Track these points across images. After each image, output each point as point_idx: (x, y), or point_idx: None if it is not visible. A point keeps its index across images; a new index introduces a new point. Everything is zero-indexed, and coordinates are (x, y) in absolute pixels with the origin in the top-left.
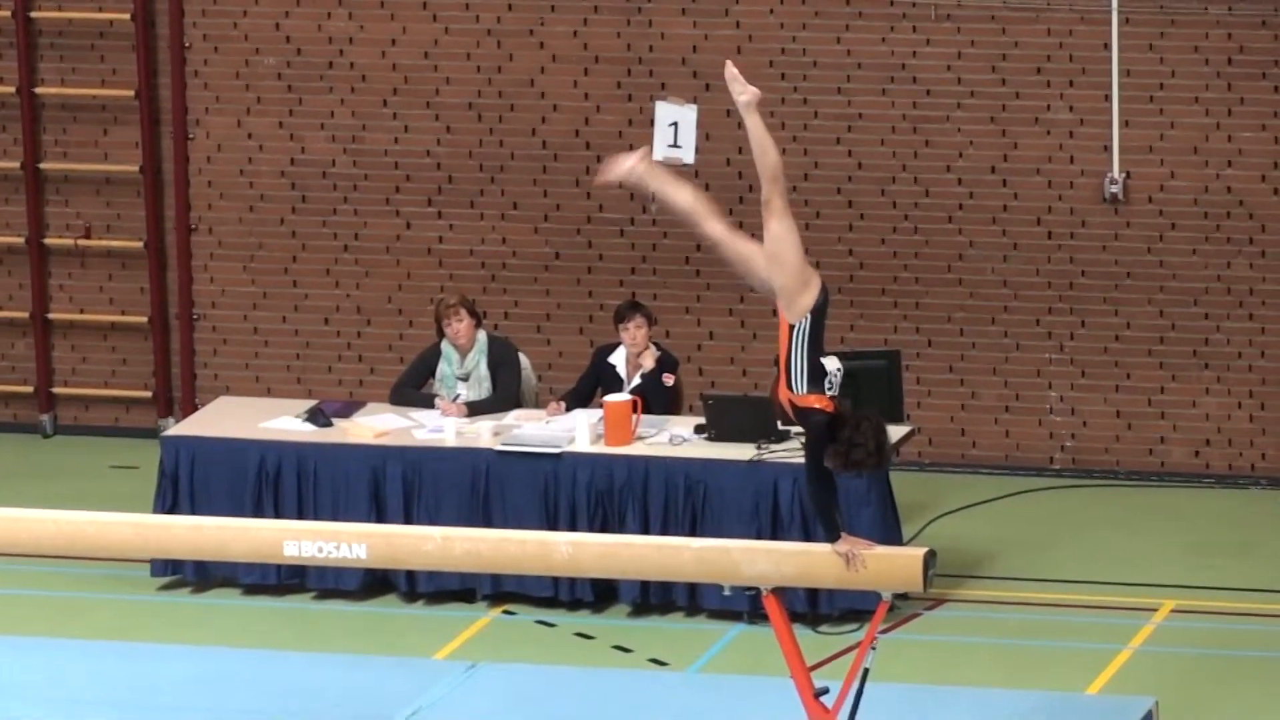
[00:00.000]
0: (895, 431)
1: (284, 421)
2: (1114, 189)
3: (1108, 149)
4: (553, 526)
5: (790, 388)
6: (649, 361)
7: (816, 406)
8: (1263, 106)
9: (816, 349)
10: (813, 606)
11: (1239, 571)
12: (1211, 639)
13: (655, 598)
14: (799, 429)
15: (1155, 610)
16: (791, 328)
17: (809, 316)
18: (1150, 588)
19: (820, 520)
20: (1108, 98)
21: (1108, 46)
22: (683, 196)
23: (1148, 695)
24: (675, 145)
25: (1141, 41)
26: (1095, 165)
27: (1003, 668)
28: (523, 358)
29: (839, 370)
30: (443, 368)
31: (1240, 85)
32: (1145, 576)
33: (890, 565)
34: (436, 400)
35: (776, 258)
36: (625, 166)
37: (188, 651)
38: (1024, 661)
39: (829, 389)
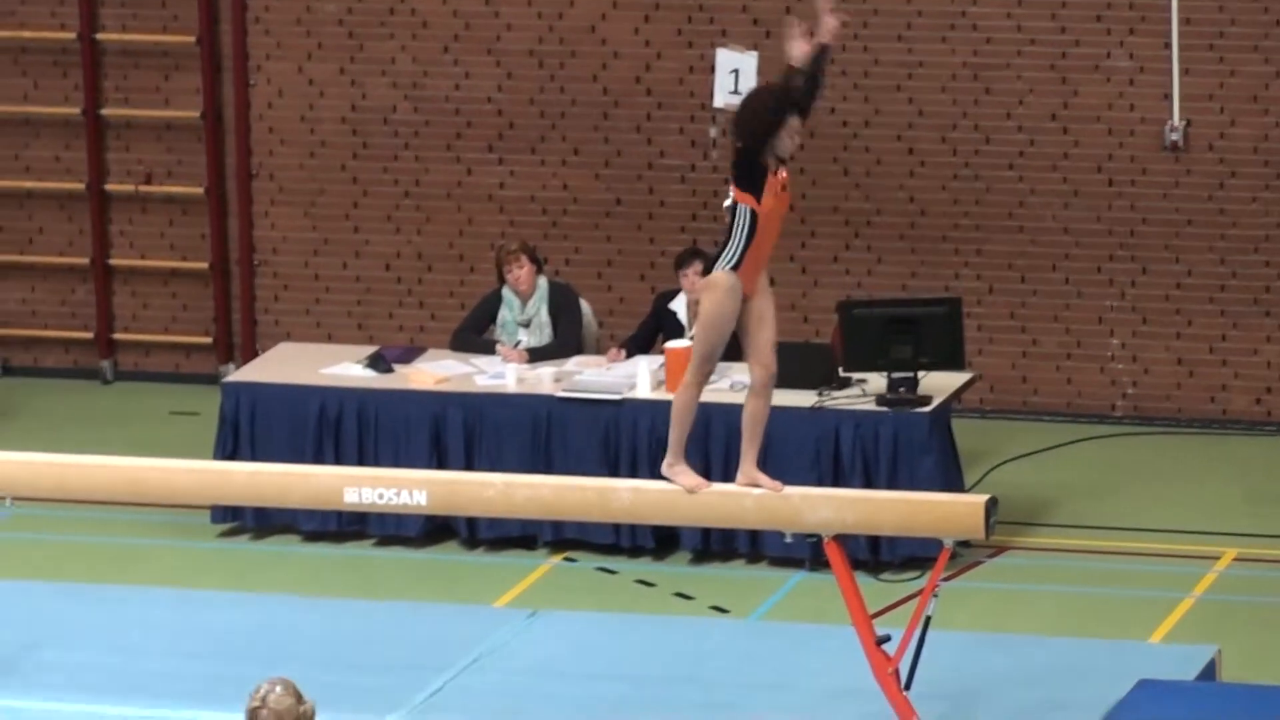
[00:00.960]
0: (958, 378)
1: (345, 368)
2: (1174, 136)
3: (1168, 97)
4: (614, 473)
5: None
6: None
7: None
8: None
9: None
10: (874, 553)
11: None
12: (1274, 587)
13: (716, 545)
14: (860, 376)
15: (1217, 558)
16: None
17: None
18: (1212, 535)
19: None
20: (1167, 45)
21: None
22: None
23: (1210, 643)
24: (736, 92)
25: None
26: (1155, 113)
27: (1065, 615)
28: (584, 304)
29: None
30: (504, 314)
31: None
32: (1207, 524)
33: (952, 512)
34: (497, 346)
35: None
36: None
37: (247, 599)
38: (1086, 609)
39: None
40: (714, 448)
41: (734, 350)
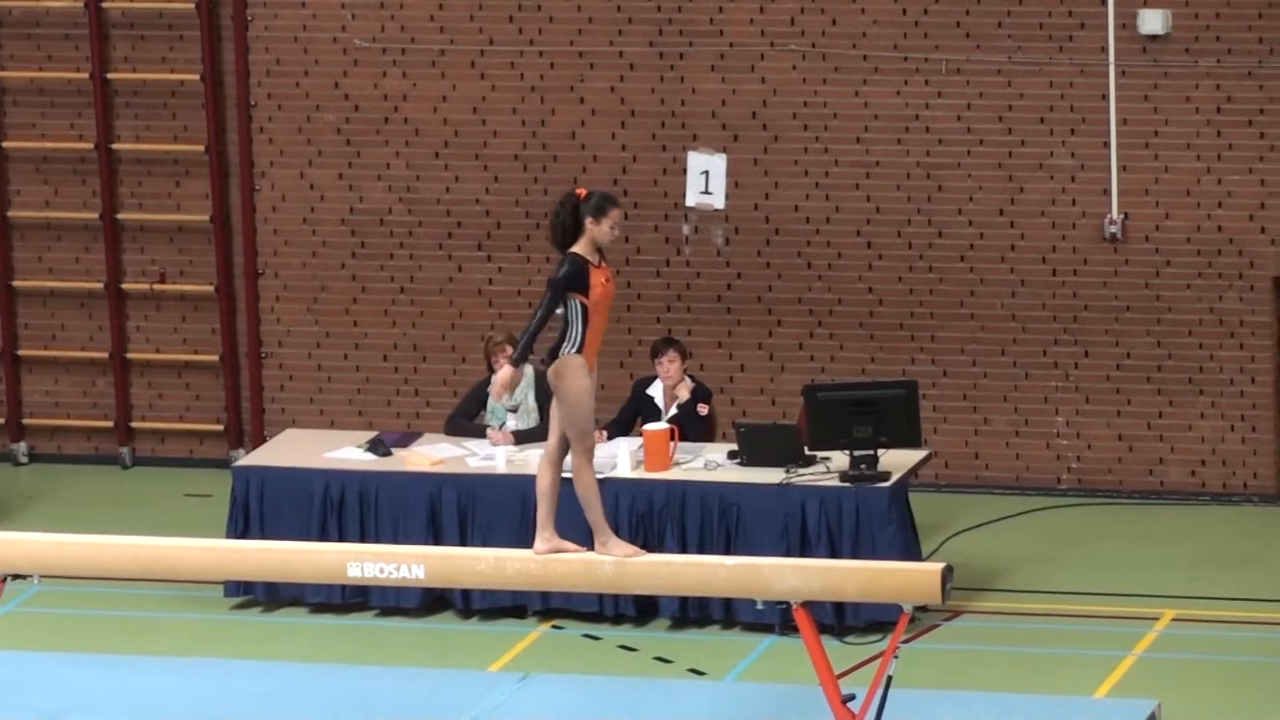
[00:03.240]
0: (915, 455)
1: (346, 452)
2: (1113, 229)
3: (1107, 192)
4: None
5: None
6: (684, 393)
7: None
8: (1250, 151)
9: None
10: (839, 618)
11: (1235, 582)
12: (1210, 645)
13: (693, 612)
14: (824, 455)
15: (1157, 619)
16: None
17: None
18: (1152, 598)
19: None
20: (1106, 144)
21: (1105, 97)
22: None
23: (1151, 698)
24: (707, 192)
25: (1137, 93)
26: (1096, 207)
27: (1016, 673)
28: None
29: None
30: (493, 401)
31: (1229, 132)
32: (1147, 588)
33: (911, 579)
34: (488, 430)
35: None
36: None
37: (257, 666)
38: (1035, 667)
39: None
40: (690, 523)
41: (709, 432)
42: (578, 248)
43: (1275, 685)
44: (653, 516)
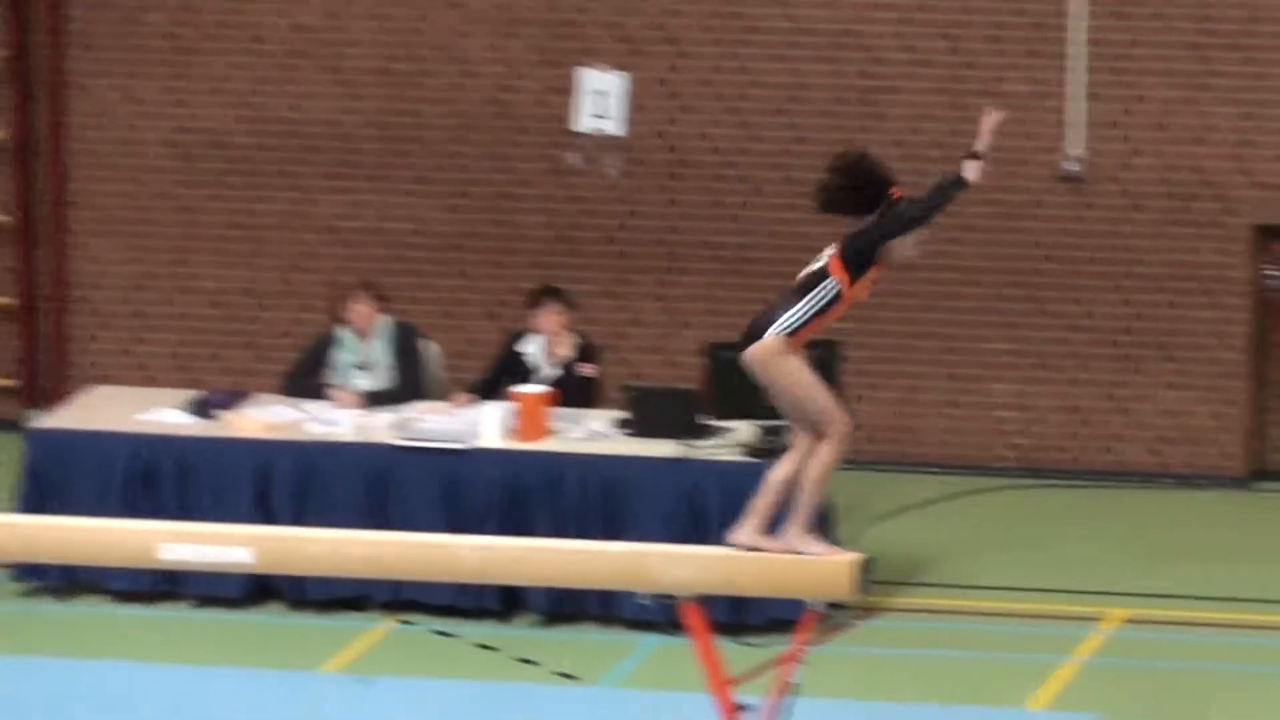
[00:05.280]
0: None
1: (164, 413)
2: (1073, 167)
3: (1067, 124)
4: (457, 529)
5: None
6: (566, 350)
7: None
8: (1234, 80)
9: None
10: (737, 616)
11: (1197, 578)
12: (1165, 651)
13: (566, 606)
14: (727, 425)
15: (1107, 619)
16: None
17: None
18: (1102, 595)
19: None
20: (1067, 69)
21: (1066, 14)
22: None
23: (1092, 712)
24: (602, 116)
25: (1103, 8)
26: (1053, 141)
27: (940, 682)
28: (429, 345)
29: None
30: (340, 355)
31: (1211, 56)
32: (1096, 583)
33: (821, 571)
34: (331, 390)
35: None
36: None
37: (47, 664)
38: (963, 675)
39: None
40: (566, 502)
41: (593, 396)
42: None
43: (1238, 697)
44: (523, 493)
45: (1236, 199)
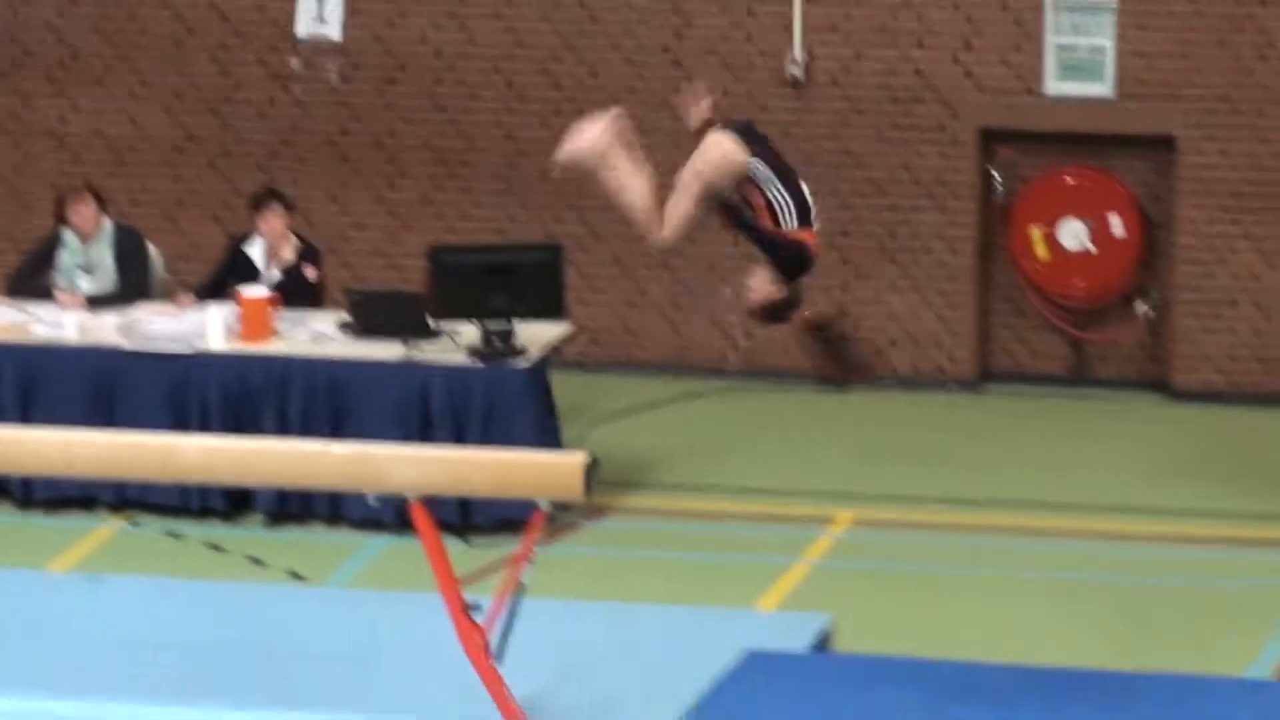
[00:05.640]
0: (557, 329)
1: None
2: (795, 70)
3: (789, 28)
4: (184, 430)
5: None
6: (289, 252)
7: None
8: None
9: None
10: (465, 517)
11: (924, 480)
12: (892, 551)
13: (294, 507)
14: (452, 327)
15: (833, 522)
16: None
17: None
18: (829, 497)
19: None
20: None
21: None
22: (637, 195)
23: (824, 611)
24: (320, 20)
25: None
26: (776, 45)
27: (669, 583)
28: (151, 247)
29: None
30: (63, 257)
31: None
32: (823, 485)
33: (548, 472)
34: (56, 292)
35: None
36: (587, 138)
37: None
38: (692, 576)
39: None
40: (292, 403)
41: (316, 299)
42: None
43: (963, 597)
44: (248, 395)
45: (960, 102)
